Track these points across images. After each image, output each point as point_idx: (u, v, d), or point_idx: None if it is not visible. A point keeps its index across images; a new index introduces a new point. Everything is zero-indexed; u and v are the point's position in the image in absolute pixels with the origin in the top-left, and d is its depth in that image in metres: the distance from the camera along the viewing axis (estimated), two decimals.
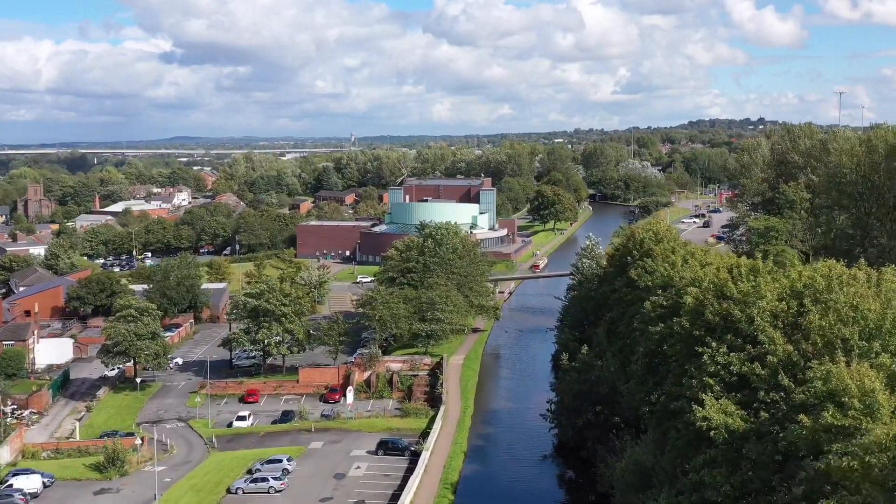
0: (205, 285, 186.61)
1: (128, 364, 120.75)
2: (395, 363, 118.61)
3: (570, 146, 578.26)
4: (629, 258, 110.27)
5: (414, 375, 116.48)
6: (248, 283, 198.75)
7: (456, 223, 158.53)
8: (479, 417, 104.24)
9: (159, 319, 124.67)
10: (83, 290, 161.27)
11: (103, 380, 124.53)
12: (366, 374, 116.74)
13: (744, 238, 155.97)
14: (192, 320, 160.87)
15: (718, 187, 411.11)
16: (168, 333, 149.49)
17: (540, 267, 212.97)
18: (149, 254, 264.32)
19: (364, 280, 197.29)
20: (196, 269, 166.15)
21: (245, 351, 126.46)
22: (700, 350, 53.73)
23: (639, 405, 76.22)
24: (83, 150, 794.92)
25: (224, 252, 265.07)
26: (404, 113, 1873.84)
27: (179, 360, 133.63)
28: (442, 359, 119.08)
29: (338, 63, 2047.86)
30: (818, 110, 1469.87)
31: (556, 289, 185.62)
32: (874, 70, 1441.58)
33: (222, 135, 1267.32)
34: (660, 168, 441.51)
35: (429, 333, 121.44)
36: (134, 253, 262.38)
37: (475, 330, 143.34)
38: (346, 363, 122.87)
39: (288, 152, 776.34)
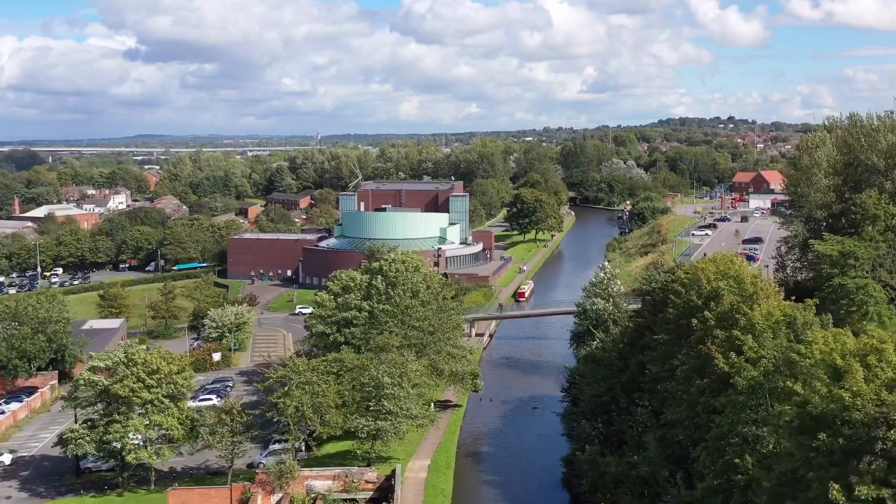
0: (92, 323, 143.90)
1: None
2: (319, 479, 75.39)
3: (543, 145, 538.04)
4: (694, 320, 69.18)
5: (350, 501, 74.04)
6: (153, 317, 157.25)
7: (418, 254, 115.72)
8: None
9: None
10: None
11: None
12: (274, 499, 74.16)
13: (801, 265, 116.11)
14: (56, 381, 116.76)
15: (712, 190, 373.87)
16: (8, 407, 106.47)
17: (526, 295, 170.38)
18: (59, 270, 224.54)
19: (304, 311, 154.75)
20: (63, 307, 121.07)
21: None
22: None
23: None
24: (37, 148, 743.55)
25: (147, 268, 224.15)
26: (371, 111, 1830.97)
27: (7, 458, 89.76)
28: (394, 472, 76.01)
29: (305, 61, 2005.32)
30: (782, 109, 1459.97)
31: (547, 323, 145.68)
32: (836, 70, 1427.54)
33: (188, 133, 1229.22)
34: (642, 168, 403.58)
35: (374, 433, 77.43)
36: (40, 270, 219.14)
37: (445, 405, 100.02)
38: (253, 466, 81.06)
39: (251, 150, 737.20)
